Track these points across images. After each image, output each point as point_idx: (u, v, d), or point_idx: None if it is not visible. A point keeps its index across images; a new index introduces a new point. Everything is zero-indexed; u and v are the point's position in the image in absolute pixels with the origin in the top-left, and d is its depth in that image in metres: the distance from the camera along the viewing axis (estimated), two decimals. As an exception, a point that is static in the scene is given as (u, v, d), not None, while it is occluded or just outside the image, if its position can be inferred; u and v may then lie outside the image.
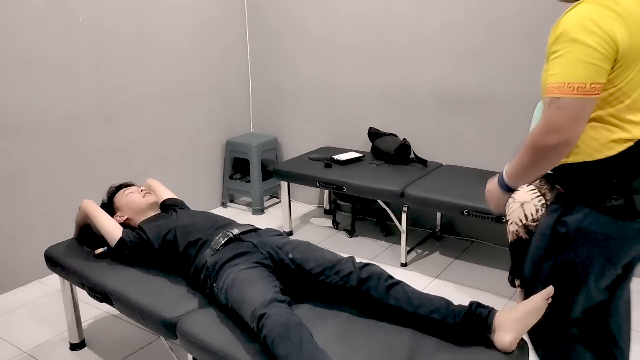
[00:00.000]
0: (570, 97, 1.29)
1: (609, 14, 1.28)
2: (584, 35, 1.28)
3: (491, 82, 3.23)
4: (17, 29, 2.84)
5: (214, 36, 3.98)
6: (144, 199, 2.40)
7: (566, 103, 1.29)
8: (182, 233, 2.12)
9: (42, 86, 2.99)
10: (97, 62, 3.24)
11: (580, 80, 1.28)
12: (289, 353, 1.50)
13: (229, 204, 4.32)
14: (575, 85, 1.28)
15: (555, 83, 1.31)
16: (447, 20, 3.31)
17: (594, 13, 1.29)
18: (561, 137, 1.31)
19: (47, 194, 3.10)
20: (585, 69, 1.28)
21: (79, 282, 2.21)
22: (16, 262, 3.02)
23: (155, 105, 3.65)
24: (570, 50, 1.29)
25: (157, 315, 1.85)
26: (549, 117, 1.32)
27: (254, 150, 4.01)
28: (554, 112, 1.31)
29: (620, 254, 1.46)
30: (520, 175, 1.48)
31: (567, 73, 1.29)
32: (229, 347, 1.65)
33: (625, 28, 1.28)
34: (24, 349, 2.48)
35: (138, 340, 2.52)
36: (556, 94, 1.30)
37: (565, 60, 1.30)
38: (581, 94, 1.28)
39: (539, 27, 3.00)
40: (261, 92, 4.31)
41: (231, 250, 1.96)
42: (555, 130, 1.31)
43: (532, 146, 1.38)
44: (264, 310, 1.61)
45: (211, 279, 1.90)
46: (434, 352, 1.60)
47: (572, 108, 1.29)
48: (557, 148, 1.33)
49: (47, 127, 3.05)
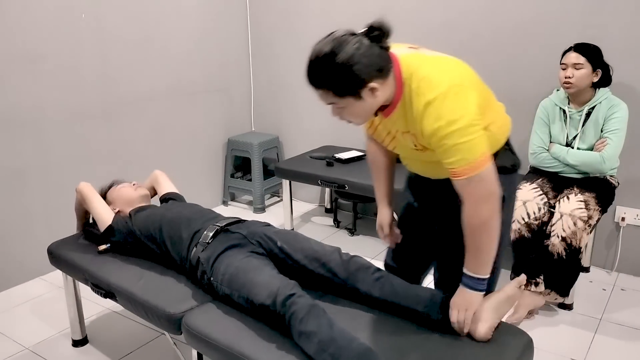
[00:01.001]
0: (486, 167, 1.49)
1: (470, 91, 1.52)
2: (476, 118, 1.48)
3: (493, 81, 3.23)
4: (20, 26, 2.84)
5: (216, 35, 3.98)
6: (135, 192, 2.47)
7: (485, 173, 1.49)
8: (167, 230, 2.12)
9: (45, 83, 2.99)
10: (99, 60, 3.24)
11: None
12: (321, 329, 1.54)
13: (230, 202, 4.32)
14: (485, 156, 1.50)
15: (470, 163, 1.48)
16: (447, 18, 3.32)
17: (470, 97, 1.50)
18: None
19: (50, 190, 3.10)
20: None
21: (83, 278, 2.21)
22: (18, 259, 3.02)
23: (157, 104, 3.65)
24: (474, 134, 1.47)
25: (162, 311, 1.85)
26: (474, 193, 1.50)
27: (255, 149, 4.01)
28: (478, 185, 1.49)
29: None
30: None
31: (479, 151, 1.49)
32: (234, 341, 1.65)
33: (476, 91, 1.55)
34: (26, 345, 2.48)
35: (141, 336, 2.52)
36: (476, 171, 1.47)
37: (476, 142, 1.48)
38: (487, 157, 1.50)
39: (541, 25, 3.01)
40: (262, 91, 4.31)
41: (222, 243, 1.95)
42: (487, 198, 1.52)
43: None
44: (292, 291, 1.64)
45: (207, 273, 1.90)
46: (422, 342, 1.61)
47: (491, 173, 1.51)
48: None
49: (50, 123, 3.05)
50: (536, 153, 2.73)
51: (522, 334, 1.67)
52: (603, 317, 2.62)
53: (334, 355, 1.49)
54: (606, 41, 2.69)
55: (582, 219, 2.42)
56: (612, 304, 2.75)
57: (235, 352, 1.61)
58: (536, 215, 2.54)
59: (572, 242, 2.44)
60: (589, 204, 2.46)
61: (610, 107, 2.57)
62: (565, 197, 2.52)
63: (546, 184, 2.66)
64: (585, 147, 2.63)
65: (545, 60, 2.99)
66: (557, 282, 2.55)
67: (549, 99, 2.75)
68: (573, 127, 2.65)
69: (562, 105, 2.68)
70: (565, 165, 2.65)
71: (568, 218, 2.44)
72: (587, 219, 2.43)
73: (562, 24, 2.94)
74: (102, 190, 2.51)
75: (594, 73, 2.55)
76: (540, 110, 2.77)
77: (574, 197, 2.49)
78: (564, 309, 2.68)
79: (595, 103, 2.59)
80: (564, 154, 2.63)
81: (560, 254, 2.47)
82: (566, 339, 2.45)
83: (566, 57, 2.59)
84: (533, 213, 2.55)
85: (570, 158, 2.61)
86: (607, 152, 2.53)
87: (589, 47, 2.55)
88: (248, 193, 4.16)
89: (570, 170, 2.65)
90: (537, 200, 2.57)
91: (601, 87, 2.61)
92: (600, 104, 2.59)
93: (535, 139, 2.75)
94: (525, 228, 2.55)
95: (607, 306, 2.72)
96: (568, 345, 2.40)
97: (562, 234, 2.45)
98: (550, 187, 2.65)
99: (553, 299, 2.61)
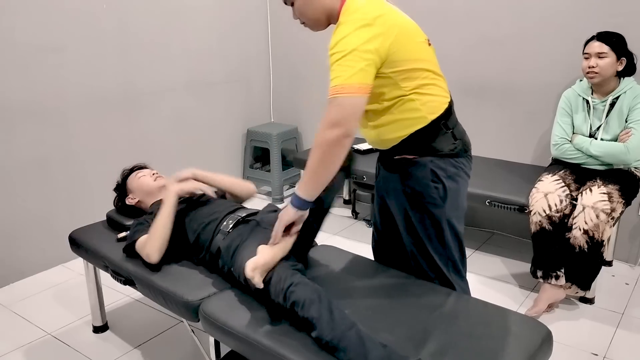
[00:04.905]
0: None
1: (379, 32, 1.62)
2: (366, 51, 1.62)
3: (515, 71, 3.19)
4: (43, 18, 2.87)
5: (236, 26, 3.98)
6: (154, 182, 2.39)
7: (345, 101, 1.62)
8: (189, 223, 2.11)
9: (67, 75, 3.03)
10: (121, 51, 3.27)
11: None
12: (322, 313, 1.54)
13: (249, 193, 4.34)
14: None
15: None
16: (469, 7, 3.27)
17: (373, 34, 1.62)
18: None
19: (72, 179, 3.14)
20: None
21: (103, 265, 2.24)
22: (41, 246, 3.07)
23: (177, 94, 3.67)
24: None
25: (180, 298, 1.87)
26: (327, 115, 1.60)
27: (274, 140, 4.02)
28: (333, 110, 1.61)
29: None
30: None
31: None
32: (250, 329, 1.65)
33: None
34: (48, 330, 2.53)
35: (160, 324, 2.55)
36: (340, 95, 1.59)
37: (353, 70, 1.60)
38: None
39: (563, 14, 2.95)
40: (282, 82, 4.31)
41: (241, 234, 1.96)
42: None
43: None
44: (291, 280, 1.64)
45: (228, 264, 1.91)
46: (436, 333, 1.59)
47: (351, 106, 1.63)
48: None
49: (72, 114, 3.09)
50: (558, 144, 2.69)
51: (541, 327, 1.65)
52: (625, 311, 2.58)
53: (332, 342, 1.50)
54: (631, 29, 2.62)
55: (605, 212, 2.38)
56: (635, 298, 2.70)
57: (251, 340, 1.62)
58: (558, 208, 2.50)
59: (595, 235, 2.40)
60: (612, 196, 2.41)
61: (635, 96, 2.51)
62: (587, 189, 2.48)
63: (568, 176, 2.61)
64: (609, 138, 2.58)
65: (568, 50, 2.93)
66: (578, 275, 2.51)
67: (572, 89, 2.70)
68: (596, 117, 2.60)
69: (585, 96, 2.63)
70: (588, 157, 2.60)
71: (590, 210, 2.40)
72: (610, 212, 2.38)
73: (585, 13, 2.87)
74: (124, 173, 2.48)
75: (619, 62, 2.50)
76: (562, 101, 2.72)
77: (596, 189, 2.45)
78: (585, 303, 2.64)
79: (619, 93, 2.54)
80: (587, 144, 2.58)
81: (582, 247, 2.43)
82: (587, 333, 2.42)
83: (589, 46, 2.54)
84: (555, 205, 2.51)
85: (593, 149, 2.56)
86: (631, 142, 2.48)
87: (612, 36, 2.50)
88: (267, 184, 4.17)
89: (593, 161, 2.60)
90: (558, 192, 2.52)
91: (626, 76, 2.55)
92: (624, 93, 2.53)
93: (558, 129, 2.70)
94: (547, 220, 2.51)
95: (629, 301, 2.67)
96: (589, 340, 2.37)
97: (584, 227, 2.41)
98: (572, 179, 2.61)
99: (574, 292, 2.57)
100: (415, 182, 1.80)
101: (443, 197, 1.80)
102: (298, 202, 1.69)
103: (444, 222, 1.83)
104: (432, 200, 1.80)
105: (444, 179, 1.78)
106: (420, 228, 1.84)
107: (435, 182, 1.78)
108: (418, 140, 1.76)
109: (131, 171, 2.48)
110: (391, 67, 1.66)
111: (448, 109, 1.79)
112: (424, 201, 1.81)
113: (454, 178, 1.81)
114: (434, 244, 1.86)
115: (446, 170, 1.78)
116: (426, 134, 1.75)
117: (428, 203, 1.80)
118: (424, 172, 1.78)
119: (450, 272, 1.90)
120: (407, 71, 1.68)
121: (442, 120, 1.76)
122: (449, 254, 1.88)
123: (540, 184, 2.59)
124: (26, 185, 2.95)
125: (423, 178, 1.79)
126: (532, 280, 2.74)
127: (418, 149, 1.78)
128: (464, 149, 1.83)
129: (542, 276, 2.55)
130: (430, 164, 1.77)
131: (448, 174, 1.79)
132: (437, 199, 1.80)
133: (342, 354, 1.48)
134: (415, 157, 1.79)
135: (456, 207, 1.85)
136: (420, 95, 1.72)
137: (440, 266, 1.88)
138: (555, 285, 2.52)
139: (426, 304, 1.76)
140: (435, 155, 1.77)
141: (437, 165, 1.78)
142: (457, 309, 1.74)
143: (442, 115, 1.76)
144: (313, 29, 1.81)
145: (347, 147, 1.60)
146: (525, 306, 2.61)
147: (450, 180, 1.79)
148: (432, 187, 1.79)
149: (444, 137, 1.77)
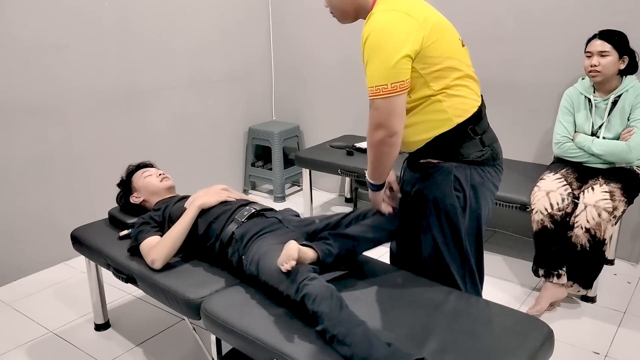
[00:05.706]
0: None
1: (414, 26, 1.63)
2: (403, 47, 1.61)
3: (517, 69, 3.18)
4: (45, 15, 2.87)
5: (238, 24, 3.98)
6: (161, 183, 2.38)
7: (379, 104, 1.64)
8: (201, 215, 2.10)
9: (69, 72, 3.03)
10: (122, 49, 3.27)
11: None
12: (332, 309, 1.55)
13: (251, 191, 4.34)
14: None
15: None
16: (470, 4, 3.26)
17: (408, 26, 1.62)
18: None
19: (74, 176, 3.15)
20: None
21: (105, 263, 2.25)
22: (43, 244, 3.08)
23: (179, 92, 3.67)
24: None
25: (181, 296, 1.87)
26: (370, 118, 1.66)
27: (276, 138, 4.02)
28: (373, 113, 1.66)
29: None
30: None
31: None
32: (252, 327, 1.66)
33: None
34: (50, 328, 2.53)
35: (162, 322, 2.55)
36: (374, 97, 1.63)
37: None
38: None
39: (565, 12, 2.94)
40: (283, 80, 4.31)
41: (257, 225, 1.96)
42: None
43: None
44: (306, 275, 1.65)
45: (240, 251, 1.90)
46: (440, 331, 1.59)
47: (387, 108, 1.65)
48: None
49: (74, 111, 3.09)
50: (560, 143, 2.68)
51: (543, 325, 1.65)
52: (627, 310, 2.58)
53: (338, 337, 1.50)
54: (633, 27, 2.62)
55: (607, 210, 2.37)
56: (637, 297, 2.69)
57: (252, 338, 1.62)
58: (559, 206, 2.50)
59: (596, 233, 2.40)
60: (614, 195, 2.41)
61: (638, 95, 2.50)
62: (589, 187, 2.47)
63: (570, 174, 2.61)
64: (611, 137, 2.57)
65: (570, 48, 2.93)
66: (580, 274, 2.51)
67: (574, 88, 2.70)
68: (598, 116, 2.60)
69: (587, 94, 2.63)
70: (590, 155, 2.59)
71: (592, 209, 2.39)
72: (612, 210, 2.38)
73: (587, 11, 2.87)
74: (130, 169, 2.46)
75: (621, 60, 2.49)
76: (564, 99, 2.72)
77: (598, 187, 2.44)
78: (586, 301, 2.64)
79: (621, 91, 2.53)
80: (588, 143, 2.58)
81: (584, 246, 2.43)
82: (588, 332, 2.42)
83: (591, 44, 2.53)
84: (556, 204, 2.50)
85: (595, 147, 2.55)
86: (633, 141, 2.48)
87: (614, 34, 2.49)
88: (268, 182, 4.17)
89: (595, 160, 2.59)
90: (560, 190, 2.52)
91: (628, 74, 2.55)
92: (627, 92, 2.52)
93: (560, 128, 2.70)
94: (548, 219, 2.51)
95: (631, 299, 2.67)
96: (590, 338, 2.36)
97: (586, 225, 2.40)
98: (574, 177, 2.60)
99: (576, 291, 2.57)
100: (436, 188, 1.74)
101: (463, 207, 1.73)
102: (373, 187, 1.80)
103: (463, 232, 1.76)
104: (452, 209, 1.73)
105: (467, 187, 1.71)
106: (439, 235, 1.78)
107: (457, 189, 1.72)
108: (443, 144, 1.71)
109: (137, 168, 2.46)
110: (423, 62, 1.61)
111: (477, 112, 1.72)
112: (443, 208, 1.74)
113: (478, 188, 1.74)
114: (452, 254, 1.79)
115: (470, 178, 1.72)
116: (452, 138, 1.69)
117: (448, 211, 1.74)
118: (446, 178, 1.72)
119: (467, 284, 1.84)
120: (438, 70, 1.64)
121: (470, 124, 1.70)
122: (466, 265, 1.82)
123: (542, 182, 2.58)
124: (28, 183, 2.96)
125: (444, 184, 1.72)
126: (533, 278, 2.73)
127: (443, 154, 1.72)
128: (492, 157, 1.76)
129: (544, 275, 2.55)
130: (454, 169, 1.71)
131: (472, 183, 1.72)
132: (457, 207, 1.73)
133: (346, 349, 1.48)
134: (440, 162, 1.73)
135: (477, 218, 1.78)
136: (448, 97, 1.66)
137: (455, 276, 1.82)
138: (557, 283, 2.52)
139: (427, 302, 1.76)
140: (460, 161, 1.71)
141: (461, 172, 1.71)
142: (459, 307, 1.73)
143: (470, 119, 1.70)
144: (340, 20, 1.78)
145: (397, 144, 1.63)
146: (527, 305, 2.61)
147: (473, 189, 1.72)
148: (453, 194, 1.72)
149: (471, 142, 1.71)
